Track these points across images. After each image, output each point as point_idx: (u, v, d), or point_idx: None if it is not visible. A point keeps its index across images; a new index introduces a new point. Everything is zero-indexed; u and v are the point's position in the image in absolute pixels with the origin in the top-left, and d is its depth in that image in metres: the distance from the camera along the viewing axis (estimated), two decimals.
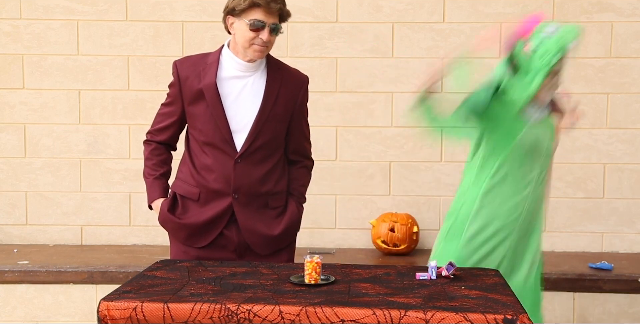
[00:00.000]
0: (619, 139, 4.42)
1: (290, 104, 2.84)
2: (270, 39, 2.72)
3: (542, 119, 2.86)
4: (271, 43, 2.75)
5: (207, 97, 2.75)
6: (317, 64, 4.46)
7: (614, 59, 4.39)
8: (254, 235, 2.81)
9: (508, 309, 2.12)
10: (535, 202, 2.87)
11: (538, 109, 2.83)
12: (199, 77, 2.77)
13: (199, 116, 2.78)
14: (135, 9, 4.49)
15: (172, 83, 2.85)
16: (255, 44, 2.71)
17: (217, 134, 2.76)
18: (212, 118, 2.76)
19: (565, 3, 4.38)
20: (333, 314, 2.11)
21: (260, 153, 2.80)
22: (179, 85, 2.81)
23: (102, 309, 2.18)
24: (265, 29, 2.69)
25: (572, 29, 2.74)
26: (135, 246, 4.56)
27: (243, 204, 2.80)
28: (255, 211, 2.82)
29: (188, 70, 2.79)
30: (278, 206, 2.88)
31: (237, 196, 2.78)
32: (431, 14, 4.44)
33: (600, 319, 3.89)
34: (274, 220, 2.86)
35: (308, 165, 3.00)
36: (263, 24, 2.68)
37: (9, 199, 4.60)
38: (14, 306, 4.03)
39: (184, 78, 2.79)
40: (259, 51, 2.73)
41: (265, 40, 2.69)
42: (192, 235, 2.82)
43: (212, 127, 2.76)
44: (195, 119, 2.80)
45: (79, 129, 4.56)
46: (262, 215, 2.83)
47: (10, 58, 4.53)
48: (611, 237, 4.46)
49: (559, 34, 2.72)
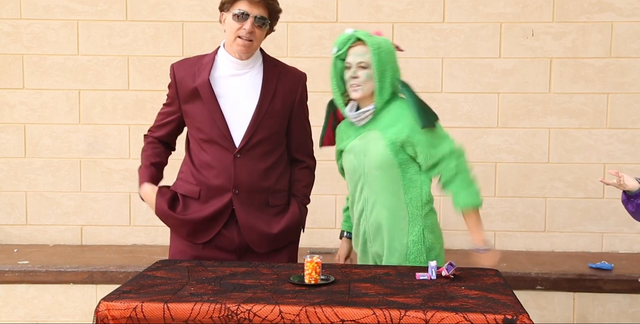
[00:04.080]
0: (619, 139, 4.42)
1: (288, 100, 2.86)
2: (255, 31, 2.72)
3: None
4: (257, 38, 2.75)
5: (202, 95, 2.78)
6: (317, 64, 4.45)
7: (614, 59, 4.39)
8: (253, 233, 2.82)
9: (508, 309, 2.12)
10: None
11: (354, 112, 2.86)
12: (194, 77, 2.81)
13: (196, 114, 2.81)
14: (135, 9, 4.49)
15: (170, 84, 2.91)
16: (239, 36, 2.72)
17: (215, 130, 2.78)
18: (209, 115, 2.78)
19: (565, 3, 4.38)
20: (333, 314, 2.11)
21: (260, 149, 2.81)
22: (175, 86, 2.86)
23: (102, 309, 2.18)
24: (249, 19, 2.70)
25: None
26: (135, 246, 4.56)
27: (243, 200, 2.80)
28: (255, 208, 2.82)
29: (184, 72, 2.84)
30: (279, 204, 2.88)
31: (237, 192, 2.79)
32: (431, 14, 4.44)
33: (600, 319, 3.89)
34: (274, 218, 2.86)
35: (311, 165, 3.02)
36: (247, 14, 2.70)
37: (9, 199, 4.60)
38: (14, 306, 4.03)
39: (179, 79, 2.85)
40: (241, 45, 2.73)
41: (248, 31, 2.70)
42: (194, 231, 2.83)
43: (210, 124, 2.78)
44: (193, 118, 2.83)
45: (79, 129, 4.56)
46: (262, 213, 2.84)
47: (10, 58, 4.53)
48: (611, 238, 4.46)
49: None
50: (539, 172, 4.46)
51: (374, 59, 2.73)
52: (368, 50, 2.74)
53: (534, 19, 4.40)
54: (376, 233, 2.82)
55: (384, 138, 2.74)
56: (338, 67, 2.82)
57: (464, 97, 4.45)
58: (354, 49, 2.77)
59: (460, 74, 4.46)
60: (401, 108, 2.78)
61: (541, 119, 4.43)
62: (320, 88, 4.43)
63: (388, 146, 2.73)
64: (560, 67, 4.41)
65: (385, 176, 2.75)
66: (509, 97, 4.44)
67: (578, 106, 4.41)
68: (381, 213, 2.78)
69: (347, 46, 2.77)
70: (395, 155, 2.73)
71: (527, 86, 4.43)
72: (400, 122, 2.74)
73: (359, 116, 2.80)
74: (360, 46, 2.76)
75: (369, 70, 2.75)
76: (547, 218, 4.47)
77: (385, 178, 2.75)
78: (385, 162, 2.73)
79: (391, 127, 2.75)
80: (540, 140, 4.44)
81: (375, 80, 2.75)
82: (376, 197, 2.78)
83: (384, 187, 2.76)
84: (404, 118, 2.75)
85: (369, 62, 2.74)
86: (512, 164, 4.46)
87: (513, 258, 4.25)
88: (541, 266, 4.03)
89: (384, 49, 2.76)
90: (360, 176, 2.81)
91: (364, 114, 2.79)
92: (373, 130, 2.79)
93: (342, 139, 2.93)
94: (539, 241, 4.48)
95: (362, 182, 2.81)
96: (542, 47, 4.41)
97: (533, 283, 3.88)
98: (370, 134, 2.79)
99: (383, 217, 2.78)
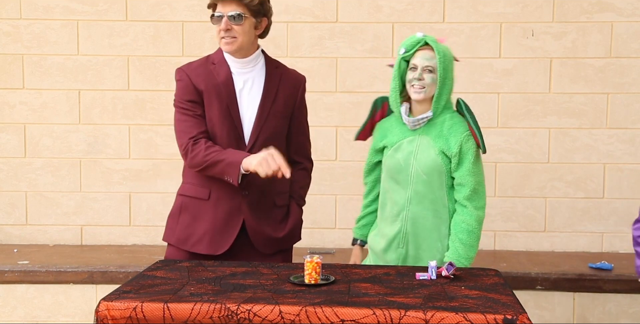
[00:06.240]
0: (619, 139, 4.42)
1: (290, 101, 2.87)
2: (233, 27, 2.74)
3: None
4: (240, 33, 2.75)
5: (223, 91, 2.77)
6: (317, 64, 4.46)
7: (614, 59, 4.39)
8: (259, 236, 2.83)
9: (508, 309, 2.13)
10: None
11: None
12: (208, 76, 2.79)
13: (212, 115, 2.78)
14: (135, 9, 4.49)
15: (181, 85, 2.82)
16: (222, 37, 2.76)
17: (227, 129, 2.77)
18: (228, 114, 2.76)
19: (565, 3, 4.38)
20: (333, 314, 2.11)
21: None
22: (193, 85, 2.78)
23: (102, 309, 2.18)
24: (224, 19, 2.73)
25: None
26: (135, 246, 4.56)
27: (253, 202, 2.80)
28: (263, 211, 2.83)
29: (194, 73, 2.81)
30: (283, 204, 2.91)
31: (246, 193, 2.79)
32: (431, 14, 4.44)
33: (600, 319, 3.89)
34: (280, 223, 2.88)
35: (308, 167, 3.03)
36: (220, 15, 2.74)
37: (9, 199, 4.60)
38: (14, 306, 4.03)
39: (193, 78, 2.79)
40: (225, 43, 2.77)
41: (223, 29, 2.73)
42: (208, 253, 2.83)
43: (222, 123, 2.76)
44: (209, 120, 2.79)
45: (79, 129, 4.56)
46: (269, 216, 2.85)
47: (10, 58, 4.53)
48: (611, 237, 4.46)
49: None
50: (539, 172, 4.46)
51: (439, 66, 2.82)
52: (435, 55, 2.82)
53: (534, 19, 4.40)
54: (415, 233, 2.88)
55: (435, 146, 2.85)
56: (402, 68, 2.88)
57: (464, 97, 4.42)
58: (422, 52, 2.84)
59: (460, 74, 4.43)
60: (454, 121, 2.89)
61: (541, 119, 4.43)
62: (320, 88, 4.45)
63: (439, 154, 2.84)
64: (560, 67, 4.41)
65: (434, 180, 2.86)
66: (509, 97, 4.44)
67: (578, 106, 4.41)
68: (425, 215, 2.87)
69: (415, 49, 2.84)
70: (444, 163, 2.85)
71: (527, 86, 4.43)
72: (453, 135, 2.85)
73: (417, 121, 2.87)
74: (428, 50, 2.84)
75: (434, 74, 2.83)
76: (547, 218, 4.47)
77: (434, 183, 2.86)
78: (435, 168, 2.84)
79: (443, 138, 2.86)
80: (540, 140, 4.44)
81: (437, 85, 2.84)
82: (421, 199, 2.86)
83: (430, 191, 2.86)
84: (458, 132, 2.86)
85: (435, 67, 2.82)
86: (512, 164, 4.46)
87: (513, 258, 4.25)
88: (541, 266, 4.03)
89: (448, 57, 2.86)
90: (406, 177, 2.87)
91: (421, 120, 2.87)
92: (424, 135, 2.88)
93: (385, 135, 2.97)
94: (539, 241, 4.49)
95: (406, 182, 2.87)
96: (542, 47, 4.41)
97: (533, 283, 3.88)
98: (422, 139, 2.88)
99: (427, 218, 2.87)
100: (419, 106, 2.89)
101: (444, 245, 2.88)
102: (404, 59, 2.87)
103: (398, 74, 2.88)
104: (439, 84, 2.83)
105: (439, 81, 2.83)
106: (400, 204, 2.88)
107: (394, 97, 2.91)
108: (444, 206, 2.88)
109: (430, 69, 2.82)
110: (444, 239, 2.87)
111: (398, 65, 2.87)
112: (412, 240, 2.88)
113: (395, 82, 2.89)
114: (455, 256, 2.81)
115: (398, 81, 2.88)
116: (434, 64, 2.81)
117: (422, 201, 2.86)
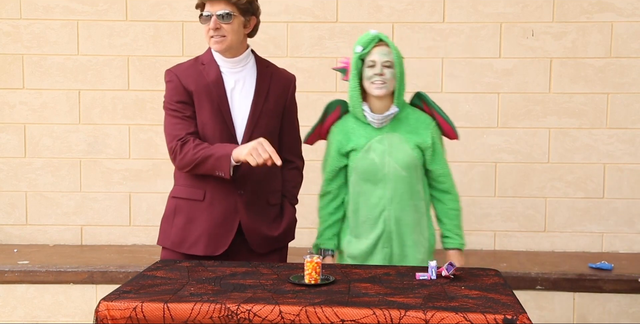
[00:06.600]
0: (619, 139, 4.42)
1: (280, 100, 2.87)
2: (222, 26, 2.74)
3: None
4: (229, 32, 2.75)
5: (213, 91, 2.76)
6: (317, 64, 4.46)
7: (614, 59, 4.39)
8: (255, 235, 2.82)
9: (508, 309, 2.12)
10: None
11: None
12: (198, 77, 2.79)
13: (203, 115, 2.78)
14: (135, 9, 4.49)
15: (171, 87, 2.82)
16: (211, 36, 2.76)
17: (219, 129, 2.76)
18: (219, 114, 2.76)
19: (565, 3, 4.38)
20: (333, 314, 2.11)
21: None
22: (182, 86, 2.79)
23: (102, 309, 2.18)
24: (212, 18, 2.73)
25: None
26: (135, 246, 4.56)
27: (248, 202, 2.80)
28: (258, 210, 2.83)
29: (184, 74, 2.81)
30: (276, 203, 2.90)
31: (242, 192, 2.79)
32: (431, 14, 4.44)
33: (600, 319, 3.89)
34: (275, 222, 2.88)
35: (299, 166, 3.02)
36: (209, 14, 2.74)
37: (9, 199, 4.60)
38: (14, 306, 4.03)
39: (183, 79, 2.80)
40: (214, 43, 2.76)
41: (212, 28, 2.73)
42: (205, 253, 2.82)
43: (214, 123, 2.76)
44: (200, 121, 2.79)
45: (79, 129, 4.56)
46: (264, 215, 2.84)
47: (10, 58, 4.53)
48: (611, 238, 4.46)
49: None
50: (539, 172, 4.46)
51: (396, 61, 2.84)
52: (391, 51, 2.84)
53: (534, 19, 4.40)
54: (399, 231, 2.89)
55: (410, 141, 2.88)
56: (358, 67, 2.87)
57: (464, 97, 4.45)
58: (378, 48, 2.85)
59: (460, 74, 4.46)
60: (418, 114, 2.93)
61: (541, 119, 4.43)
62: (319, 88, 4.45)
63: (413, 149, 2.88)
64: (560, 67, 4.41)
65: (412, 176, 2.89)
66: (509, 97, 4.44)
67: (578, 106, 4.42)
68: (407, 211, 2.89)
69: (371, 46, 2.85)
70: (419, 157, 2.89)
71: (527, 86, 4.43)
72: (422, 128, 2.90)
73: (384, 117, 2.87)
74: (384, 46, 2.85)
75: (392, 69, 2.84)
76: (547, 218, 4.47)
77: (412, 178, 2.89)
78: (412, 163, 2.88)
79: (414, 132, 2.89)
80: (540, 140, 4.44)
81: (396, 80, 2.85)
82: (401, 196, 2.88)
83: (409, 187, 2.89)
84: (425, 124, 2.91)
85: (392, 62, 2.84)
86: (512, 164, 4.46)
87: (513, 258, 4.26)
88: (541, 266, 4.03)
89: (400, 53, 2.89)
90: (383, 176, 2.87)
91: (388, 116, 2.88)
92: (392, 133, 2.89)
93: (349, 138, 2.94)
94: (539, 241, 4.49)
95: (384, 182, 2.87)
96: (542, 47, 4.41)
97: (533, 283, 3.89)
98: (392, 137, 2.89)
99: (409, 215, 2.90)
100: (379, 102, 2.87)
101: (425, 238, 2.93)
102: (360, 57, 2.86)
103: (357, 72, 2.86)
104: (397, 79, 2.84)
105: (398, 75, 2.84)
106: (379, 205, 2.88)
107: (356, 96, 2.88)
108: (421, 199, 2.92)
109: (388, 64, 2.82)
110: (425, 232, 2.94)
111: (355, 64, 2.86)
112: (396, 238, 2.89)
113: (355, 81, 2.87)
114: (458, 243, 2.92)
115: (357, 79, 2.87)
116: (391, 59, 2.83)
117: (402, 198, 2.88)
